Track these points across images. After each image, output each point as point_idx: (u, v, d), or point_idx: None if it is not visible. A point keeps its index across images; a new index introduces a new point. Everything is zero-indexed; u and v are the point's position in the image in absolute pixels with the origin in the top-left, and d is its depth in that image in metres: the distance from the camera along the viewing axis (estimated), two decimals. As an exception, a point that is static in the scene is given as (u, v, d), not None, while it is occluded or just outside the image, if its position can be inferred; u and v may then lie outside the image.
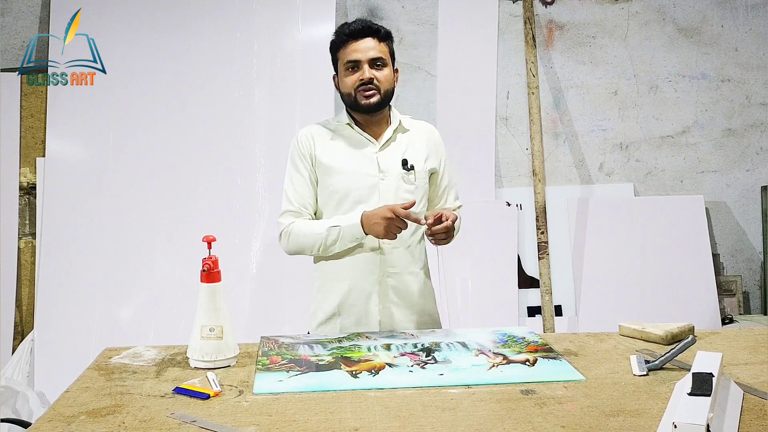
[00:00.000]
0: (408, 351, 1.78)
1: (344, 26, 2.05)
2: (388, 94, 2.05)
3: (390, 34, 2.08)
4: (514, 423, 1.33)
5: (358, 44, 2.01)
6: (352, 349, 1.79)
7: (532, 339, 1.87)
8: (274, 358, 1.73)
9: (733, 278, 3.87)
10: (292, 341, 1.87)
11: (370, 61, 2.01)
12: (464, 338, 1.88)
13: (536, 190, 3.66)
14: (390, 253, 2.04)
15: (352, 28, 2.02)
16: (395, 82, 2.09)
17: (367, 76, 2.00)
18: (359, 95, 2.01)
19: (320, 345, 1.83)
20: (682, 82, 3.88)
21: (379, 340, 1.88)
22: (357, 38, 2.01)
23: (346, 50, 2.02)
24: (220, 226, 3.32)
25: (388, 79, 2.04)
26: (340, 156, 2.06)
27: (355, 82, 2.01)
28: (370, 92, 2.00)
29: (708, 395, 1.27)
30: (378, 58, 2.02)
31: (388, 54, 2.05)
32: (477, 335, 1.91)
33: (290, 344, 1.85)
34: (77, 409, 1.43)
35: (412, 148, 2.09)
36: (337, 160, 2.05)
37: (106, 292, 3.35)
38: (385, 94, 2.03)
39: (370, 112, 2.04)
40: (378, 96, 2.01)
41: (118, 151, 3.47)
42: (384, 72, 2.03)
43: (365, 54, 2.00)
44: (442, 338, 1.89)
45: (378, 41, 2.03)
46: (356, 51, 2.01)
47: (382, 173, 2.04)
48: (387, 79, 2.04)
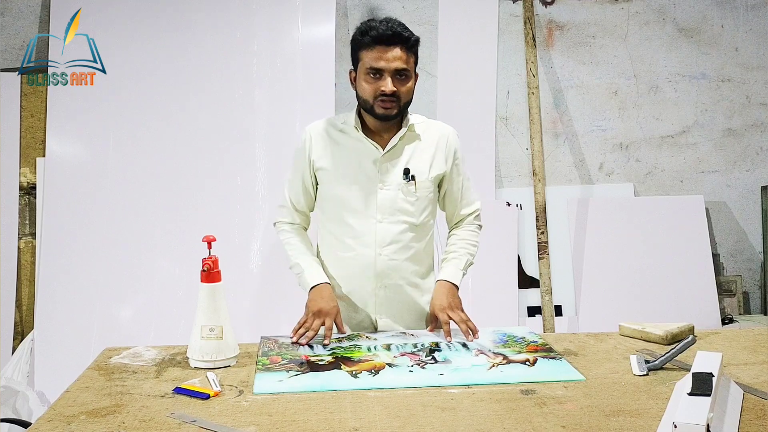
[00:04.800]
0: (408, 351, 1.78)
1: (371, 26, 1.89)
2: (405, 106, 1.95)
3: (418, 41, 1.94)
4: (514, 423, 1.33)
5: (386, 53, 1.86)
6: (352, 349, 1.79)
7: (532, 339, 1.87)
8: (274, 358, 1.73)
9: (733, 278, 3.87)
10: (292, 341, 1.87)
11: (395, 72, 1.88)
12: (464, 338, 1.88)
13: (536, 190, 3.66)
14: (388, 264, 1.99)
15: (381, 31, 1.86)
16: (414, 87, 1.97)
17: (390, 89, 1.87)
18: (377, 105, 1.90)
19: (320, 345, 1.84)
20: (682, 82, 3.88)
21: (380, 340, 1.88)
22: (385, 44, 1.86)
23: (371, 54, 1.88)
24: (220, 226, 3.32)
25: (410, 91, 1.93)
26: (339, 161, 1.99)
27: (375, 91, 1.89)
28: (389, 105, 1.90)
29: (708, 395, 1.27)
30: (403, 69, 1.88)
31: (413, 64, 1.93)
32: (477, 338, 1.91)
33: (290, 344, 1.85)
34: (77, 409, 1.43)
35: (419, 155, 2.01)
36: (336, 165, 1.99)
37: (106, 292, 3.35)
38: (403, 106, 1.94)
39: (387, 120, 1.95)
40: (397, 108, 1.91)
41: (118, 151, 3.47)
42: (407, 84, 1.91)
43: (390, 64, 1.87)
44: (443, 338, 1.89)
45: (406, 51, 1.88)
46: (381, 60, 1.86)
47: (381, 182, 1.97)
48: (408, 91, 1.92)
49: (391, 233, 1.98)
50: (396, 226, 1.99)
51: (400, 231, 1.99)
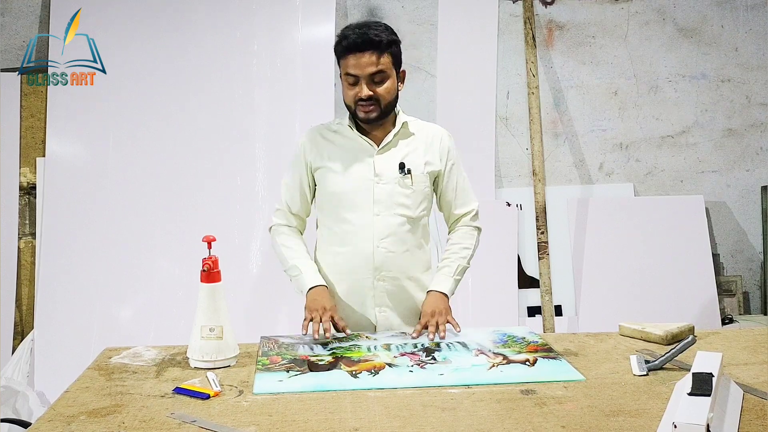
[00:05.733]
0: (408, 351, 1.78)
1: (345, 34, 1.94)
2: (389, 106, 1.97)
3: (393, 42, 1.96)
4: (514, 423, 1.33)
5: (357, 59, 1.90)
6: (352, 349, 1.79)
7: (532, 339, 1.87)
8: (274, 358, 1.73)
9: (733, 278, 3.87)
10: (292, 341, 1.87)
11: (369, 76, 1.92)
12: (464, 338, 1.88)
13: (536, 190, 3.66)
14: (386, 257, 2.01)
15: (350, 40, 1.91)
16: (402, 84, 2.01)
17: (366, 93, 1.92)
18: (358, 109, 1.95)
19: (320, 345, 1.83)
20: (682, 82, 3.88)
21: (380, 340, 1.88)
22: (357, 51, 1.90)
23: (346, 62, 1.93)
24: (220, 226, 3.32)
25: (389, 91, 1.96)
26: (336, 159, 2.04)
27: (354, 96, 1.94)
28: (369, 108, 1.94)
29: (708, 395, 1.27)
30: (377, 72, 1.92)
31: (390, 64, 1.95)
32: (477, 335, 1.91)
33: (290, 344, 1.85)
34: (77, 409, 1.43)
35: (414, 152, 2.05)
36: (332, 163, 2.03)
37: (106, 292, 3.35)
38: (385, 107, 1.96)
39: (370, 123, 2.00)
40: (377, 111, 1.95)
41: (118, 151, 3.47)
42: (384, 85, 1.94)
43: (364, 70, 1.90)
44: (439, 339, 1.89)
45: (378, 54, 1.91)
46: (355, 66, 1.91)
47: (377, 177, 2.01)
48: (388, 91, 1.95)
49: (389, 226, 2.01)
50: (393, 219, 2.01)
51: (398, 224, 2.02)
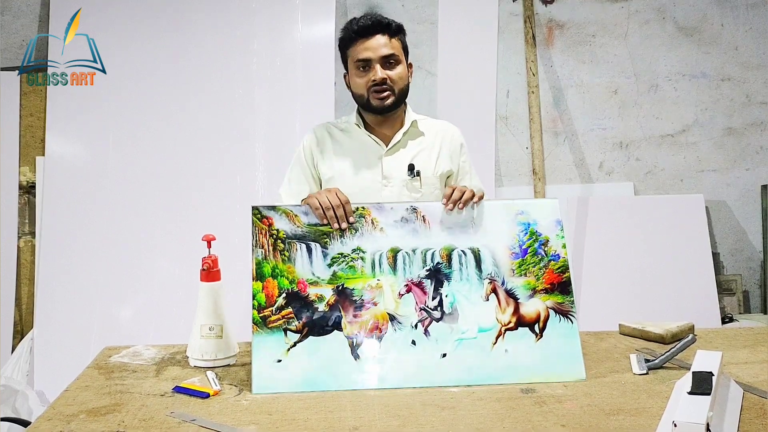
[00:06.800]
0: (415, 280, 1.66)
1: (352, 22, 1.93)
2: (402, 92, 1.94)
3: (402, 28, 1.96)
4: (514, 422, 1.33)
5: (369, 42, 1.89)
6: (355, 270, 1.66)
7: (552, 253, 1.74)
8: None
9: (733, 277, 3.87)
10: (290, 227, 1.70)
11: (382, 59, 1.89)
12: (482, 239, 1.71)
13: (536, 189, 3.66)
14: None
15: (361, 24, 1.90)
16: (410, 78, 1.99)
17: (380, 76, 1.89)
18: (372, 96, 1.91)
19: (321, 251, 1.67)
20: (682, 81, 3.88)
21: (387, 231, 1.69)
22: (366, 35, 1.89)
23: (356, 48, 1.91)
24: (220, 226, 3.31)
25: (402, 76, 1.93)
26: (343, 160, 1.98)
27: (367, 83, 1.90)
28: (383, 93, 1.90)
29: (708, 394, 1.27)
30: (390, 55, 1.90)
31: (401, 49, 1.94)
32: (494, 236, 1.72)
33: (287, 236, 1.68)
34: (77, 408, 1.43)
35: (424, 152, 2.00)
36: (339, 164, 1.98)
37: (106, 291, 3.35)
38: (399, 94, 1.93)
39: (385, 113, 1.95)
40: (392, 96, 1.91)
41: (118, 150, 3.47)
42: (397, 70, 1.92)
43: (376, 52, 1.89)
44: (454, 237, 1.70)
45: (389, 37, 1.90)
46: (367, 49, 1.89)
47: (385, 179, 1.96)
48: (401, 77, 1.93)
49: None
50: None
51: None
